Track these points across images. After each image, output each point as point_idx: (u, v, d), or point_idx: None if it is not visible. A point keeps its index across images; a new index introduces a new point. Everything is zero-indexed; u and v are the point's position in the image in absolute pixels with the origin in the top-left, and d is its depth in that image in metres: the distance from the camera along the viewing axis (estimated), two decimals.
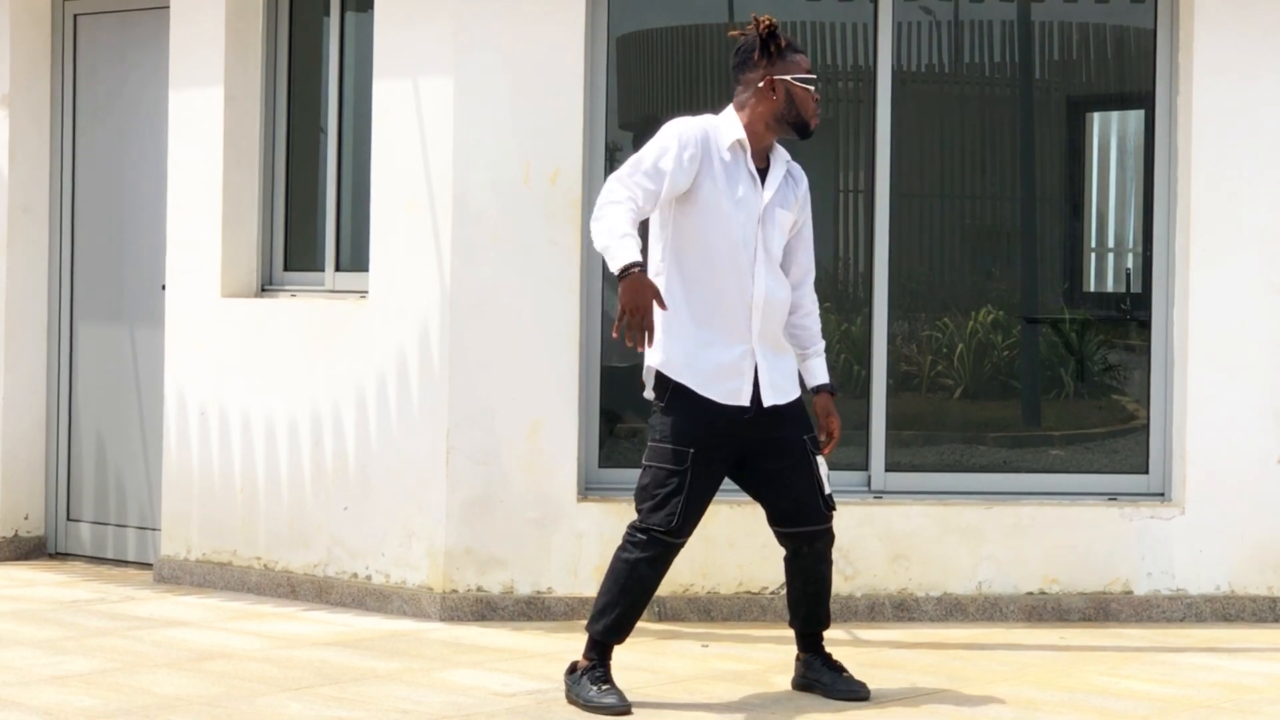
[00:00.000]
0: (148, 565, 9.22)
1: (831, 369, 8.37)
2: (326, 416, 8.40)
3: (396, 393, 8.18)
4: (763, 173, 6.45)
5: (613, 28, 8.24)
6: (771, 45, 6.42)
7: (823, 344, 6.71)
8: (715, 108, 6.57)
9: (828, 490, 6.49)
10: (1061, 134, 8.85)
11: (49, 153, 9.64)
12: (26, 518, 9.63)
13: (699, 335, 6.35)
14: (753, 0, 8.39)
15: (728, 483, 6.82)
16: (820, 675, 6.62)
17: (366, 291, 8.35)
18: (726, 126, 6.40)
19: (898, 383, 8.44)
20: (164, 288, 9.05)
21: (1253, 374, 8.25)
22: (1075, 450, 8.64)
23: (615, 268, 6.02)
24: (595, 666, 6.38)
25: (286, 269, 8.88)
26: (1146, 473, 8.38)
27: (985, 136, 8.84)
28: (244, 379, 8.68)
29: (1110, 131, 8.88)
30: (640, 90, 8.77)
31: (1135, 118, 8.71)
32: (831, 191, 8.75)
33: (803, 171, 6.64)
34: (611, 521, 7.91)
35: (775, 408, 6.41)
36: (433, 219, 8.06)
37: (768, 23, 6.43)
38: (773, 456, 6.45)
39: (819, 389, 6.65)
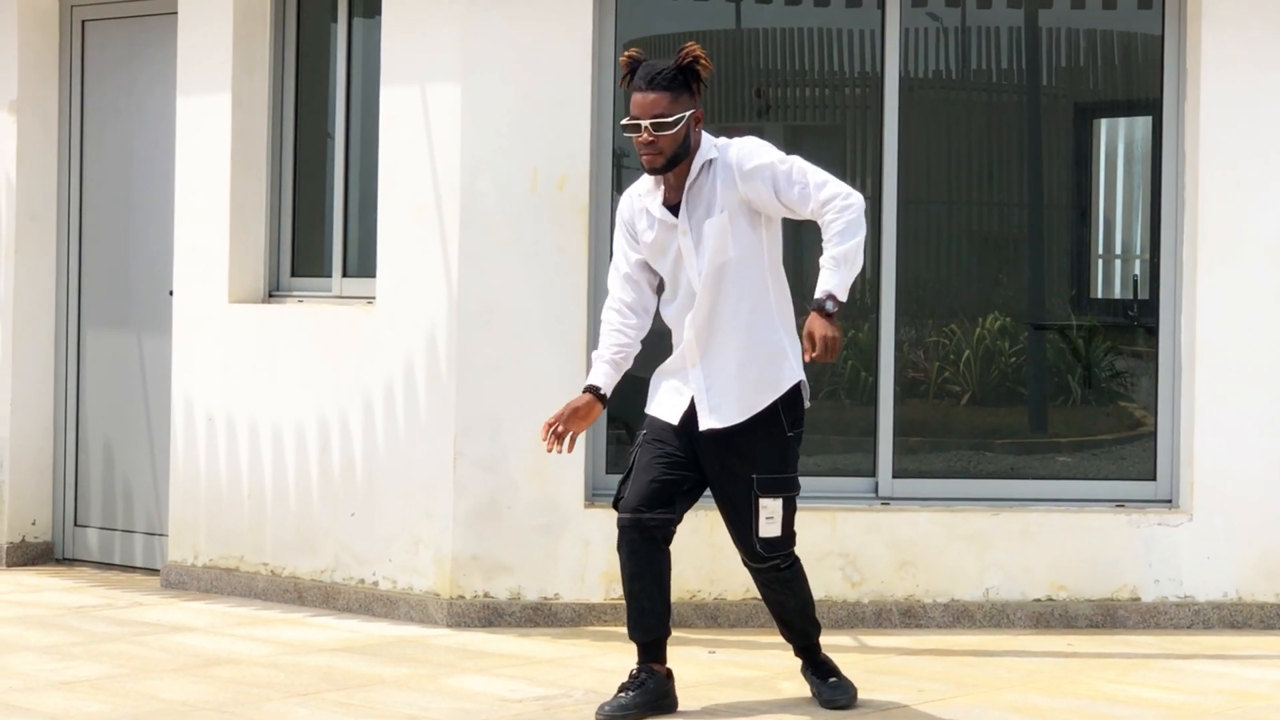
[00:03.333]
0: (155, 571, 9.23)
1: (838, 375, 8.40)
2: (334, 423, 8.40)
3: (404, 399, 8.18)
4: (678, 207, 6.33)
5: (620, 34, 8.24)
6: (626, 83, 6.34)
7: (841, 247, 6.11)
8: (720, 115, 6.58)
9: (764, 534, 6.31)
10: (1069, 140, 8.85)
11: (56, 159, 9.65)
12: (34, 523, 9.64)
13: (667, 364, 6.45)
14: (758, 9, 8.40)
15: None
16: (810, 682, 6.62)
17: (374, 298, 8.35)
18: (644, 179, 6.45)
19: (905, 389, 8.44)
20: (171, 294, 9.06)
21: (1261, 380, 8.24)
22: (1082, 457, 8.64)
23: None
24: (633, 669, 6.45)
25: (294, 275, 8.88)
26: (1154, 479, 8.38)
27: (992, 143, 8.84)
28: (251, 385, 8.68)
29: (1118, 138, 8.88)
30: None
31: (1143, 124, 8.71)
32: None
33: (734, 149, 6.25)
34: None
35: (726, 439, 6.32)
36: (440, 225, 8.06)
37: (625, 57, 6.30)
38: (719, 486, 6.41)
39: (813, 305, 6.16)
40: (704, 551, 7.99)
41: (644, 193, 6.40)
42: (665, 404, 6.42)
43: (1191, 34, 8.24)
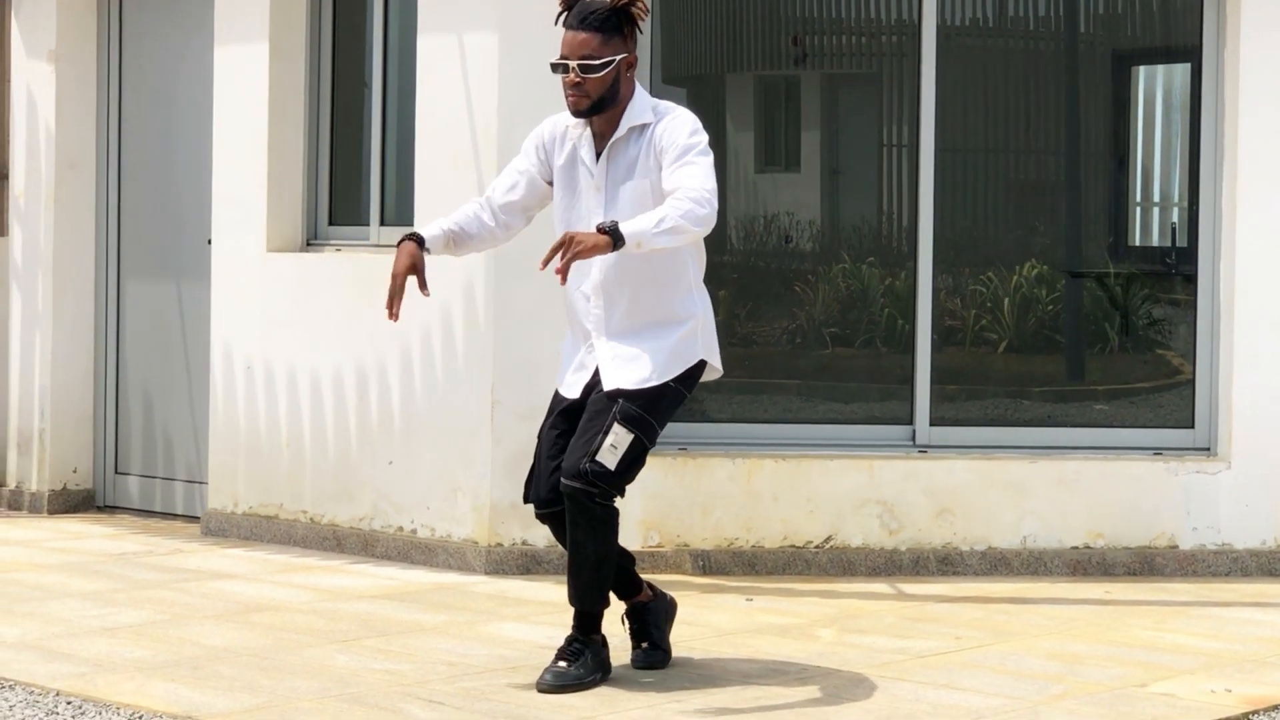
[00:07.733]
0: (195, 518, 9.28)
1: (875, 323, 8.38)
2: (372, 371, 8.43)
3: (441, 347, 8.20)
4: (599, 156, 6.05)
5: None
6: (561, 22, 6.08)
7: (675, 219, 5.68)
8: (758, 63, 6.55)
9: (599, 458, 5.88)
10: (1107, 87, 8.81)
11: (95, 109, 9.68)
12: (75, 471, 9.70)
13: (568, 331, 6.22)
14: None
15: (774, 436, 6.79)
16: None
17: None
18: None
19: (942, 337, 8.44)
20: (210, 242, 9.09)
21: None
22: (1120, 405, 8.63)
23: None
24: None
25: (331, 224, 8.90)
26: (1192, 427, 8.37)
27: (1030, 90, 8.81)
28: (289, 333, 8.71)
29: (1156, 85, 8.84)
30: (685, 46, 8.75)
31: (1181, 71, 8.67)
32: (875, 146, 8.73)
33: (674, 113, 5.97)
34: (654, 476, 7.92)
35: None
36: (478, 173, 8.06)
37: None
38: (594, 396, 6.05)
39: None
40: (741, 499, 8.01)
41: (575, 124, 6.12)
42: (570, 381, 6.15)
43: None
